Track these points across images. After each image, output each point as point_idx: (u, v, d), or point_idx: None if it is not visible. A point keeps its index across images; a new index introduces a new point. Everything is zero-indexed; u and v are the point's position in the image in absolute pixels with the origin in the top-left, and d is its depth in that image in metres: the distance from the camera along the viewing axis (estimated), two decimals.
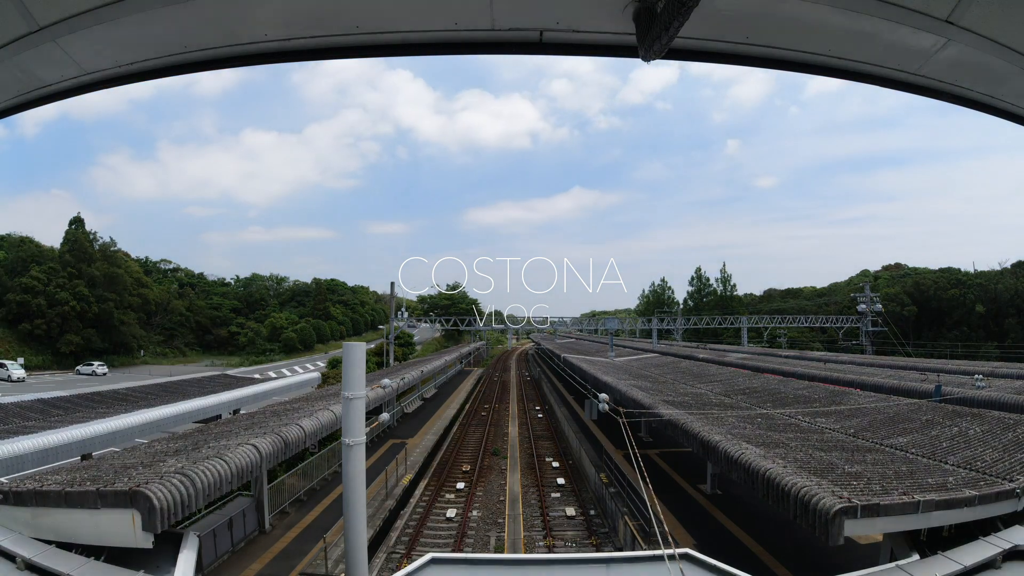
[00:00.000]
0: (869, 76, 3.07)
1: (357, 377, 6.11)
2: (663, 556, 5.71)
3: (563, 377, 44.53)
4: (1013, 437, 11.25)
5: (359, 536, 6.19)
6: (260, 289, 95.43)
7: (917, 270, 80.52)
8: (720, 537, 13.60)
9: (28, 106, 3.14)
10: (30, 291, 57.19)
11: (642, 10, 2.37)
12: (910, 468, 9.56)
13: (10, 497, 7.79)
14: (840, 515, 7.45)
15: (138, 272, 74.02)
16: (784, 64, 3.00)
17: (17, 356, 52.12)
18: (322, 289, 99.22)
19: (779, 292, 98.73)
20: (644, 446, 22.52)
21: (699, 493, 17.08)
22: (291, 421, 13.75)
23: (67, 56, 2.67)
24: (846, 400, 17.24)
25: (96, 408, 19.73)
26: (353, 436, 6.08)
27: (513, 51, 2.87)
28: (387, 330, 52.97)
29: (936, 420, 13.37)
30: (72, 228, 64.54)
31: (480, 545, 15.74)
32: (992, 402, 16.91)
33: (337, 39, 2.76)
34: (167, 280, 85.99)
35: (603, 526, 16.85)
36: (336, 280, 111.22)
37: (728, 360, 37.91)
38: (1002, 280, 63.35)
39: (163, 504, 7.51)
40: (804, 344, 67.04)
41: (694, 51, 2.86)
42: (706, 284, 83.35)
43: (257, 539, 14.20)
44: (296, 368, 58.03)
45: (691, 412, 15.67)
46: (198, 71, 2.99)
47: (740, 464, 10.42)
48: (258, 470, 10.80)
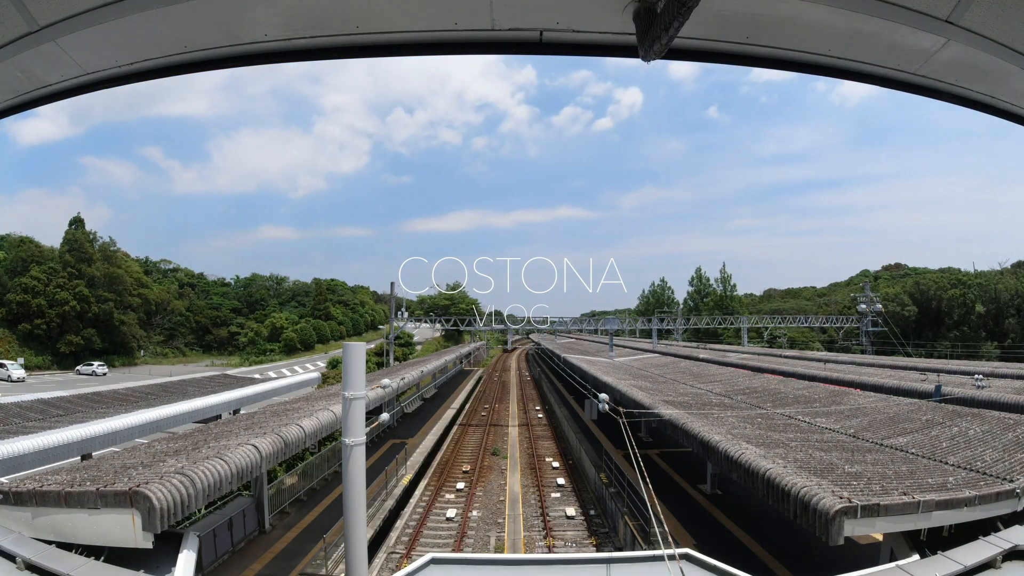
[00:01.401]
0: (869, 76, 3.07)
1: (357, 377, 6.11)
2: (663, 556, 5.72)
3: (563, 377, 44.52)
4: (1013, 437, 11.25)
5: (359, 536, 6.19)
6: (260, 289, 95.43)
7: (917, 270, 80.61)
8: (720, 537, 13.59)
9: (28, 106, 3.14)
10: (30, 291, 57.23)
11: (642, 10, 2.37)
12: (910, 468, 9.56)
13: (10, 497, 7.80)
14: (840, 515, 7.45)
15: (138, 272, 74.04)
16: (784, 64, 3.00)
17: (17, 356, 52.15)
18: (322, 289, 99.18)
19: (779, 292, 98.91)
20: (644, 446, 22.51)
21: (699, 493, 17.08)
22: (291, 421, 13.75)
23: (67, 56, 2.67)
24: (846, 400, 17.24)
25: (96, 408, 19.72)
26: (353, 436, 6.08)
27: (513, 51, 2.87)
28: (387, 330, 52.97)
29: (936, 420, 13.37)
30: (72, 228, 64.55)
31: (480, 545, 15.74)
32: (992, 402, 16.90)
33: (337, 39, 2.76)
34: (167, 280, 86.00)
35: (603, 526, 16.85)
36: (336, 280, 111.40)
37: (728, 360, 37.90)
38: (1002, 280, 63.36)
39: (163, 504, 7.51)
40: (804, 344, 67.07)
41: (694, 51, 2.86)
42: (706, 284, 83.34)
43: (257, 539, 14.20)
44: (296, 368, 58.01)
45: (691, 412, 15.66)
46: (198, 71, 2.99)
47: (740, 464, 10.43)
48: (258, 470, 10.79)
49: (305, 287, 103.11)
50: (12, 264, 60.79)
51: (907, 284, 71.36)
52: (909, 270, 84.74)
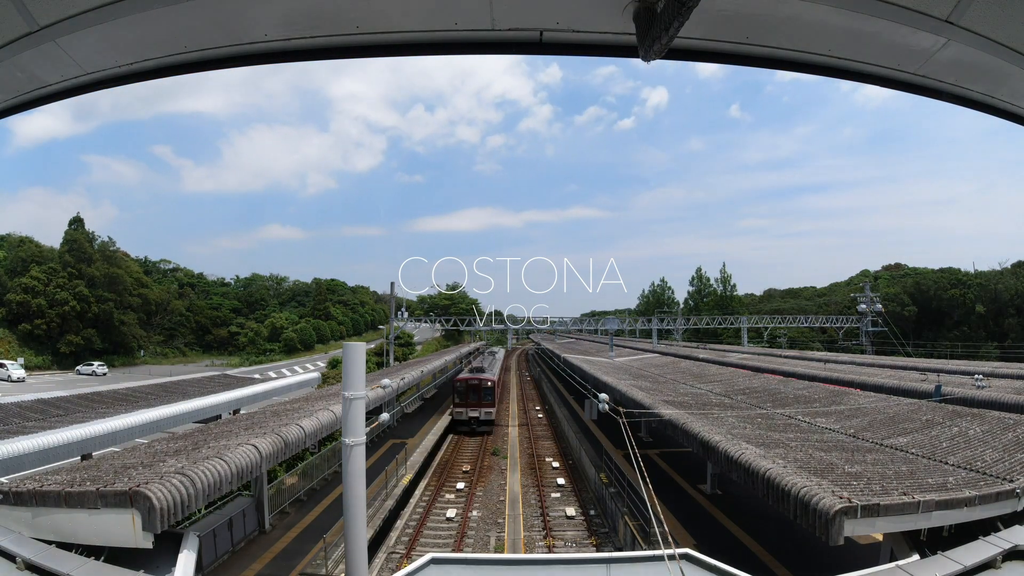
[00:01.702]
0: (869, 76, 3.07)
1: (357, 377, 6.11)
2: (663, 556, 5.72)
3: (563, 377, 44.51)
4: (1013, 437, 11.25)
5: (359, 536, 6.19)
6: (260, 289, 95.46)
7: (917, 270, 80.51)
8: (720, 537, 13.59)
9: (28, 106, 3.14)
10: (30, 291, 57.21)
11: (642, 10, 2.37)
12: (910, 468, 9.56)
13: (10, 497, 7.79)
14: (840, 515, 7.45)
15: (138, 272, 74.05)
16: (784, 64, 3.00)
17: (17, 356, 52.13)
18: (322, 289, 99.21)
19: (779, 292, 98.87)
20: (644, 446, 22.51)
21: (699, 493, 17.08)
22: (291, 421, 13.75)
23: (67, 56, 2.67)
24: (846, 400, 17.23)
25: (96, 408, 19.70)
26: (353, 436, 6.08)
27: (513, 51, 2.87)
28: (387, 330, 52.96)
29: (936, 420, 13.37)
30: (72, 228, 64.54)
31: (480, 545, 15.74)
32: (992, 402, 16.90)
33: (337, 39, 2.76)
34: (167, 280, 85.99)
35: (603, 526, 16.85)
36: (336, 280, 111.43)
37: (728, 360, 37.90)
38: (1002, 280, 63.38)
39: (163, 504, 7.51)
40: (804, 344, 67.07)
41: (694, 51, 2.87)
42: (706, 284, 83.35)
43: (257, 539, 14.20)
44: (296, 368, 58.02)
45: (691, 412, 15.66)
46: (198, 71, 2.99)
47: (740, 464, 10.42)
48: (258, 470, 10.79)
49: (305, 287, 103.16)
50: (12, 264, 60.78)
51: (907, 284, 71.38)
52: (909, 270, 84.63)
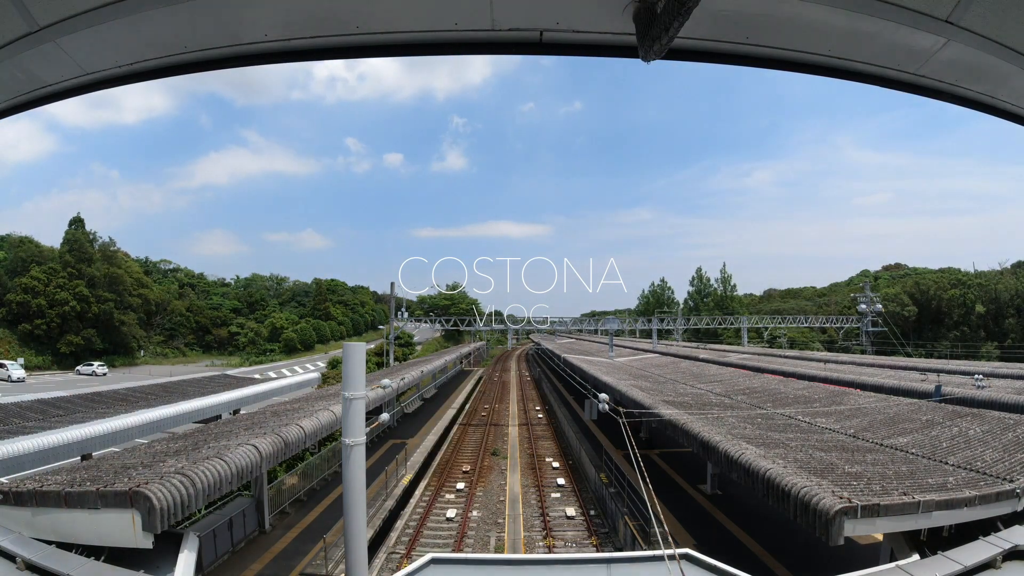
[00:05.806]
0: (869, 76, 3.07)
1: (357, 377, 6.11)
2: (663, 556, 5.72)
3: (563, 377, 44.52)
4: (1013, 437, 11.25)
5: (359, 536, 6.18)
6: (260, 289, 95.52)
7: (917, 270, 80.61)
8: (720, 537, 13.59)
9: (28, 106, 3.14)
10: (30, 291, 57.21)
11: (642, 10, 2.37)
12: (910, 468, 9.56)
13: (10, 497, 7.80)
14: (840, 515, 7.45)
15: (138, 272, 74.04)
16: (784, 64, 2.99)
17: (17, 356, 52.12)
18: (322, 289, 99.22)
19: (779, 292, 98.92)
20: (644, 446, 22.52)
21: (699, 493, 17.08)
22: (291, 421, 13.75)
23: (67, 56, 2.67)
24: (846, 400, 17.24)
25: (96, 408, 19.72)
26: (353, 436, 6.08)
27: (513, 51, 2.87)
28: (387, 330, 52.95)
29: (936, 420, 13.37)
30: (72, 228, 64.55)
31: (480, 545, 15.74)
32: (992, 402, 16.91)
33: (337, 39, 2.76)
34: (167, 280, 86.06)
35: (603, 526, 16.84)
36: (336, 280, 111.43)
37: (728, 360, 37.90)
38: (1002, 280, 63.44)
39: (163, 504, 7.51)
40: (804, 344, 67.07)
41: (694, 51, 2.86)
42: (706, 284, 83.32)
43: (257, 539, 14.20)
44: (296, 368, 58.04)
45: (691, 412, 15.66)
46: (198, 71, 2.99)
47: (740, 464, 10.43)
48: (258, 470, 10.80)
49: (305, 287, 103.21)
50: (12, 264, 60.81)
51: (907, 284, 71.38)
52: (909, 270, 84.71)
